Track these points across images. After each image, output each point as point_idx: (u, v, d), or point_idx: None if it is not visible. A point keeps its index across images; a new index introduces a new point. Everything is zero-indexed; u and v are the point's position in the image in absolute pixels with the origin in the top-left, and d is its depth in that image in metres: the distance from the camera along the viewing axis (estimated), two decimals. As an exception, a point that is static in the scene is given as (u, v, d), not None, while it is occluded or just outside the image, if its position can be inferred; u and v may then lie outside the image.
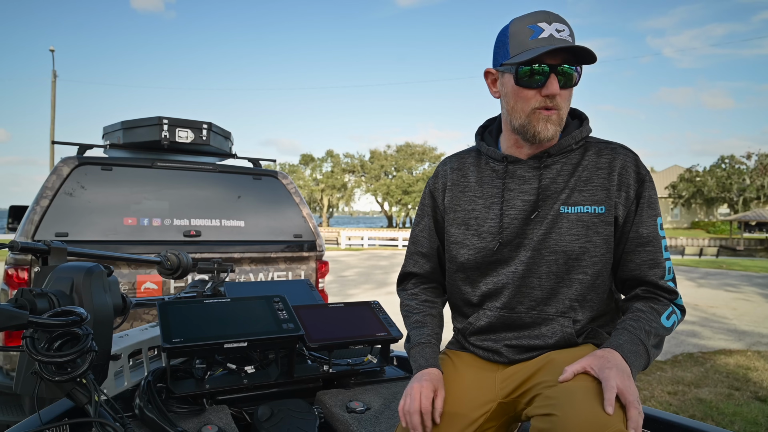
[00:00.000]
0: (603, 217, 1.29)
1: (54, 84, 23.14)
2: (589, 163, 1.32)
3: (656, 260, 1.29)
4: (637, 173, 1.30)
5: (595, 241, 1.29)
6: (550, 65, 1.24)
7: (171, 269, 1.93)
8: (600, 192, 1.29)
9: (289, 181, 3.96)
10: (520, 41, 1.26)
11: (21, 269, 3.01)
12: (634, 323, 1.22)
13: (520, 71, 1.26)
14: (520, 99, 1.29)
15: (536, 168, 1.34)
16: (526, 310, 1.34)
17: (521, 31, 1.26)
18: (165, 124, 3.61)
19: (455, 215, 1.43)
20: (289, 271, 3.80)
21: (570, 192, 1.31)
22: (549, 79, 1.25)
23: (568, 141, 1.33)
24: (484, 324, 1.38)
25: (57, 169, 3.22)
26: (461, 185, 1.45)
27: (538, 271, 1.32)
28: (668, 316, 1.26)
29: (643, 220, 1.29)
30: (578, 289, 1.31)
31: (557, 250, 1.30)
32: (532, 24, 1.25)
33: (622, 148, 1.34)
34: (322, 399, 1.63)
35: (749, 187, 46.44)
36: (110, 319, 1.20)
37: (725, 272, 16.76)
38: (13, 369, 3.08)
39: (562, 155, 1.34)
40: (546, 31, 1.24)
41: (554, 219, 1.30)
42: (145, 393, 1.43)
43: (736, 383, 4.72)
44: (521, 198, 1.34)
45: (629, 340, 1.18)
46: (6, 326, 0.87)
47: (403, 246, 28.24)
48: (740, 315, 8.65)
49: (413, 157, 58.10)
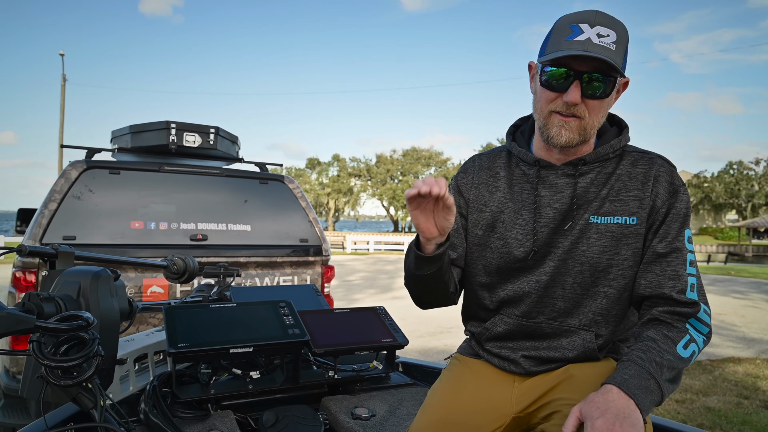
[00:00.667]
0: (634, 228, 1.22)
1: (63, 87, 23.33)
2: (624, 173, 1.26)
3: (677, 272, 1.18)
4: (671, 184, 1.23)
5: (624, 253, 1.22)
6: (576, 71, 1.16)
7: (177, 273, 1.93)
8: (633, 202, 1.23)
9: (296, 185, 3.97)
10: (557, 39, 1.18)
11: (29, 272, 3.02)
12: (643, 354, 1.09)
13: (546, 71, 1.20)
14: (542, 99, 1.23)
15: (570, 176, 1.27)
16: (546, 320, 1.29)
17: (562, 29, 1.18)
18: (173, 128, 3.63)
19: (480, 215, 1.36)
20: (294, 275, 3.80)
21: (602, 201, 1.24)
22: (572, 85, 1.17)
23: (606, 150, 1.26)
24: (502, 331, 1.33)
25: (65, 172, 3.24)
26: (490, 185, 1.38)
27: (562, 282, 1.26)
28: (686, 345, 1.12)
29: (669, 232, 1.21)
30: (603, 302, 1.25)
31: (583, 261, 1.24)
32: (574, 23, 1.17)
33: (659, 159, 1.27)
34: (327, 405, 1.62)
35: (758, 193, 46.15)
36: (116, 324, 1.20)
37: (734, 279, 16.65)
38: (19, 372, 3.09)
39: (598, 164, 1.27)
40: (585, 33, 1.15)
41: (583, 229, 1.24)
42: (150, 398, 1.43)
43: (745, 392, 4.68)
44: (551, 206, 1.27)
45: (636, 374, 1.05)
46: (13, 330, 0.87)
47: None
48: (749, 322, 8.58)
49: (419, 161, 58.07)
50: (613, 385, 1.03)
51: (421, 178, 1.14)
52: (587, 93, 1.18)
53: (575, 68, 1.16)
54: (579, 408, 1.02)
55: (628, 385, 1.03)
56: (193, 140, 3.71)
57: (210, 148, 3.77)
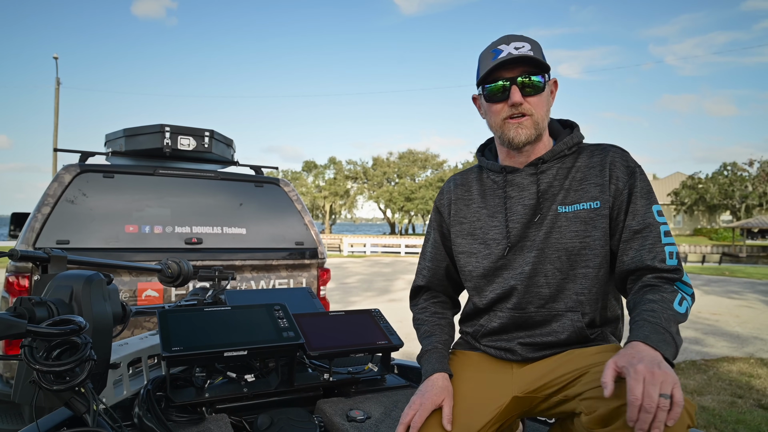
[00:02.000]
0: (599, 211, 1.35)
1: (57, 91, 23.24)
2: (582, 164, 1.40)
3: (654, 245, 1.30)
4: (626, 166, 1.37)
5: (593, 234, 1.35)
6: (509, 78, 1.36)
7: (172, 277, 1.92)
8: (594, 188, 1.36)
9: (291, 188, 3.97)
10: (485, 65, 1.40)
11: (21, 277, 3.01)
12: (652, 313, 1.19)
13: (487, 89, 1.40)
14: (492, 113, 1.41)
15: (533, 174, 1.42)
16: (535, 309, 1.39)
17: (486, 56, 1.41)
18: (167, 131, 3.62)
19: (461, 227, 1.51)
20: (290, 278, 3.80)
21: (566, 192, 1.38)
22: (511, 90, 1.36)
23: (561, 147, 1.42)
24: (496, 325, 1.43)
25: (59, 176, 3.23)
26: (465, 199, 1.53)
27: (544, 270, 1.38)
28: (680, 302, 1.24)
29: (638, 209, 1.33)
30: (583, 283, 1.35)
31: (560, 248, 1.36)
32: (494, 48, 1.39)
33: (611, 147, 1.42)
34: (322, 408, 1.62)
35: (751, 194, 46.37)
36: (109, 328, 1.20)
37: (728, 279, 16.71)
38: (12, 377, 3.07)
39: (557, 160, 1.42)
40: (505, 51, 1.36)
41: (553, 219, 1.37)
42: (144, 402, 1.42)
43: (739, 391, 4.69)
44: (521, 203, 1.42)
45: (653, 330, 1.14)
46: (5, 335, 0.87)
47: (405, 253, 28.22)
48: (743, 322, 8.61)
49: (416, 164, 58.13)
50: (638, 341, 1.12)
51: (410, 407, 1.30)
52: (526, 92, 1.37)
53: (508, 77, 1.37)
54: (614, 361, 1.08)
55: (650, 340, 1.12)
56: (188, 143, 3.70)
57: (205, 151, 3.77)
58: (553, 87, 1.45)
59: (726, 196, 47.90)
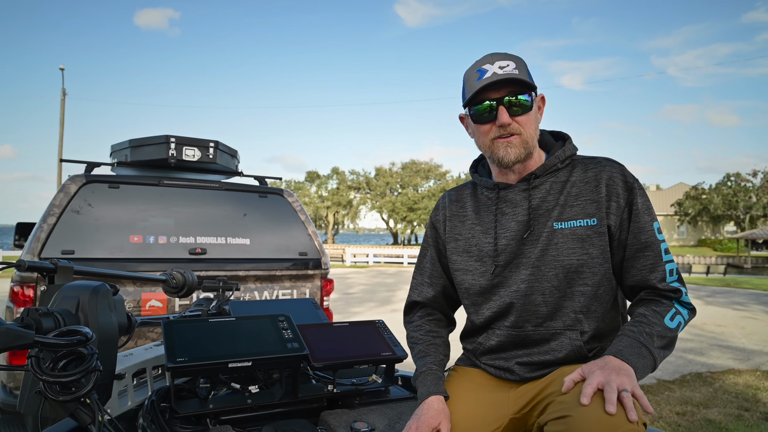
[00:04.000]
0: (596, 228, 1.34)
1: (63, 102, 23.40)
2: (577, 179, 1.38)
3: (656, 264, 1.31)
4: (625, 182, 1.35)
5: (591, 252, 1.33)
6: (496, 99, 1.35)
7: (176, 288, 1.93)
8: (590, 205, 1.35)
9: (295, 198, 3.98)
10: (470, 85, 1.38)
11: (27, 287, 3.02)
12: (634, 327, 1.24)
13: (473, 111, 1.40)
14: (480, 134, 1.41)
15: (525, 190, 1.41)
16: (533, 327, 1.38)
17: (470, 76, 1.39)
18: (172, 142, 3.64)
19: (456, 244, 1.51)
20: (294, 289, 3.80)
21: (561, 208, 1.37)
22: (498, 111, 1.35)
23: (553, 161, 1.41)
24: (494, 344, 1.42)
25: (65, 186, 3.24)
26: (460, 215, 1.53)
27: (540, 288, 1.36)
28: (672, 317, 1.27)
29: (640, 227, 1.33)
30: (581, 300, 1.35)
31: (556, 266, 1.35)
32: (478, 68, 1.38)
33: (607, 161, 1.40)
34: (326, 419, 1.61)
35: (755, 204, 46.23)
36: (115, 339, 1.20)
37: (733, 290, 16.62)
38: (16, 387, 3.07)
39: (549, 175, 1.41)
40: (489, 71, 1.35)
41: (549, 236, 1.36)
42: (148, 413, 1.42)
43: (746, 404, 4.65)
44: (515, 219, 1.41)
45: (629, 345, 1.20)
46: (12, 346, 0.87)
47: (408, 263, 28.18)
48: (749, 334, 8.55)
49: (419, 174, 58.17)
50: (610, 355, 1.18)
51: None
52: (513, 112, 1.35)
53: (494, 98, 1.35)
54: (581, 368, 1.15)
55: (622, 354, 1.18)
56: (193, 154, 3.72)
57: (209, 162, 3.79)
58: (540, 103, 1.45)
59: (730, 207, 47.76)
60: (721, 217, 48.89)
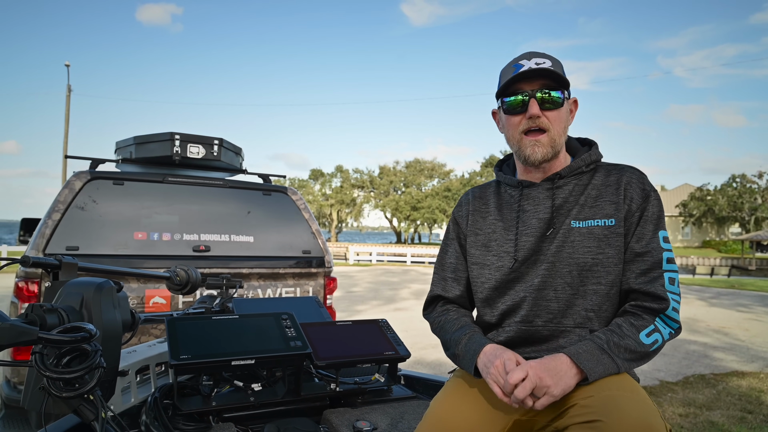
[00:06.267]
0: (614, 229, 1.34)
1: (68, 98, 23.46)
2: (599, 183, 1.41)
3: (650, 269, 1.31)
4: (642, 189, 1.37)
5: (607, 252, 1.34)
6: (528, 91, 1.38)
7: (180, 285, 1.93)
8: (609, 206, 1.36)
9: (299, 196, 3.98)
10: (505, 78, 1.42)
11: (31, 282, 3.03)
12: (603, 335, 1.26)
13: (506, 102, 1.42)
14: (510, 126, 1.43)
15: (549, 189, 1.43)
16: (543, 323, 1.38)
17: (507, 71, 1.43)
18: (177, 139, 3.64)
19: (476, 238, 1.52)
20: (297, 287, 3.80)
21: (581, 208, 1.38)
22: (530, 103, 1.37)
23: (578, 163, 1.42)
24: (503, 339, 1.42)
25: (69, 183, 3.25)
26: (482, 211, 1.54)
27: (553, 284, 1.37)
28: (648, 334, 1.26)
29: (644, 233, 1.34)
30: (594, 299, 1.35)
31: (571, 263, 1.35)
32: (516, 63, 1.41)
33: (630, 168, 1.42)
34: (328, 418, 1.62)
35: (761, 206, 46.01)
36: (119, 335, 1.21)
37: (737, 292, 16.55)
38: (20, 382, 3.09)
39: (574, 177, 1.43)
40: (526, 65, 1.38)
41: (566, 233, 1.37)
42: (151, 410, 1.43)
43: (749, 406, 4.64)
44: (536, 217, 1.42)
45: (589, 349, 1.22)
46: (16, 342, 0.88)
47: (411, 262, 28.16)
48: (753, 336, 8.52)
49: (422, 173, 58.13)
50: (566, 354, 1.22)
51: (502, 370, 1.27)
52: (544, 106, 1.38)
53: (527, 90, 1.38)
54: (525, 363, 1.21)
55: (579, 357, 1.20)
56: (197, 151, 3.72)
57: (214, 159, 3.79)
58: (572, 106, 1.47)
59: (735, 208, 47.54)
60: (726, 219, 48.67)
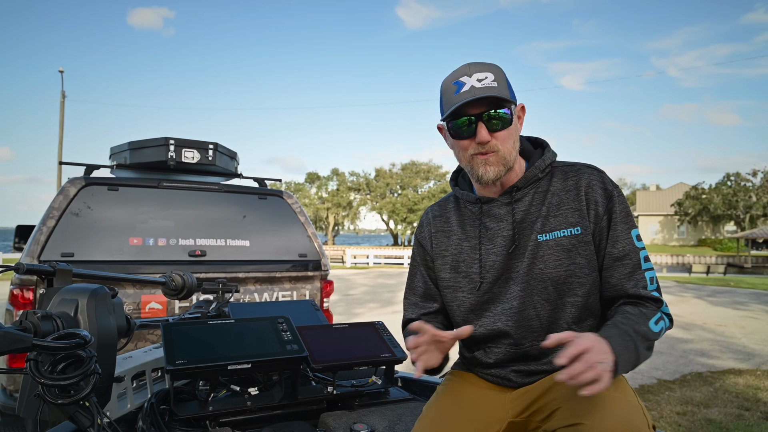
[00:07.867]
0: (581, 237, 1.31)
1: (63, 104, 23.40)
2: (558, 188, 1.36)
3: (635, 272, 1.29)
4: (604, 189, 1.33)
5: (578, 262, 1.31)
6: (475, 115, 1.30)
7: (176, 290, 1.93)
8: (572, 214, 1.33)
9: (294, 200, 3.98)
10: (448, 98, 1.33)
11: (26, 289, 3.02)
12: (624, 320, 1.20)
13: (452, 126, 1.35)
14: (459, 149, 1.37)
15: (508, 203, 1.39)
16: (530, 343, 1.36)
17: (448, 89, 1.34)
18: (171, 144, 3.64)
19: (444, 260, 1.48)
20: (293, 290, 3.80)
21: (544, 220, 1.34)
22: (477, 127, 1.30)
23: (534, 171, 1.38)
24: (492, 361, 1.41)
25: (64, 189, 3.24)
26: (445, 231, 1.50)
27: (532, 302, 1.34)
28: (656, 321, 1.25)
29: (618, 235, 1.31)
30: (573, 311, 1.33)
31: (545, 278, 1.32)
32: (456, 80, 1.32)
33: (586, 168, 1.38)
34: (326, 421, 1.61)
35: (756, 204, 46.22)
36: (114, 341, 1.20)
37: (733, 290, 16.61)
38: (16, 390, 3.07)
39: (531, 186, 1.39)
40: (467, 84, 1.30)
41: (534, 249, 1.33)
42: (148, 415, 1.42)
43: (746, 403, 4.65)
44: (500, 234, 1.38)
45: (618, 334, 1.15)
46: (10, 349, 0.87)
47: (408, 264, 28.13)
48: (749, 333, 8.55)
49: (418, 175, 58.19)
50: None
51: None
52: (492, 128, 1.31)
53: (473, 113, 1.30)
54: (571, 333, 1.10)
55: (612, 341, 1.11)
56: (192, 156, 3.72)
57: (209, 164, 3.78)
58: (520, 113, 1.40)
59: (730, 207, 47.72)
60: (721, 217, 48.86)
